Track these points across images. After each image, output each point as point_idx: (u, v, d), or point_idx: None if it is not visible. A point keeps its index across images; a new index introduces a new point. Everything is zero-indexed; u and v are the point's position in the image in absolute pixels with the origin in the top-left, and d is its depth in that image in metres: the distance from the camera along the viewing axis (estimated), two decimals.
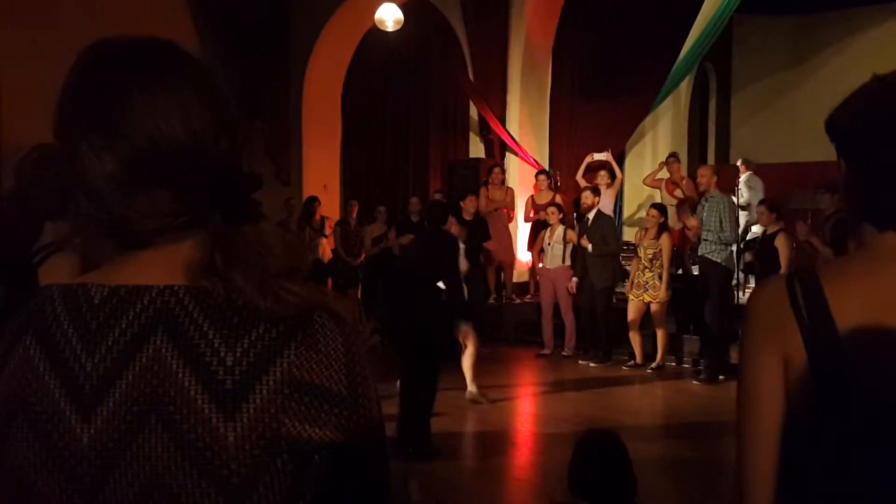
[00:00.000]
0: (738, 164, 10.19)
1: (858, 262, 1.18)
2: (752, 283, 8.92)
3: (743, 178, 9.99)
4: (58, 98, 0.87)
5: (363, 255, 9.75)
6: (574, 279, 8.47)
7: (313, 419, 0.80)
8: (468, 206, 8.49)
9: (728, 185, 7.97)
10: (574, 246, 8.57)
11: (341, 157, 12.13)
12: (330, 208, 10.49)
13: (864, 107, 1.17)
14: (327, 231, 9.66)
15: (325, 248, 9.65)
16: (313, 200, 9.77)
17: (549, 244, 8.69)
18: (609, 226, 8.48)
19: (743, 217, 9.65)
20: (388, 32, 10.23)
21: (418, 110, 12.55)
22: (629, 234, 10.08)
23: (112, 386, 0.81)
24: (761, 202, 7.81)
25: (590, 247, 8.27)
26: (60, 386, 0.82)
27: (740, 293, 8.45)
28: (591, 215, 8.43)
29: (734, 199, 7.64)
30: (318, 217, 9.66)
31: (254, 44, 10.67)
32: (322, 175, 11.56)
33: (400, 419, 5.36)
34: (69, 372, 0.82)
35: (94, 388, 0.81)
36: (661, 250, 7.87)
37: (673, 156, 9.88)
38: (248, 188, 0.89)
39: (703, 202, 7.64)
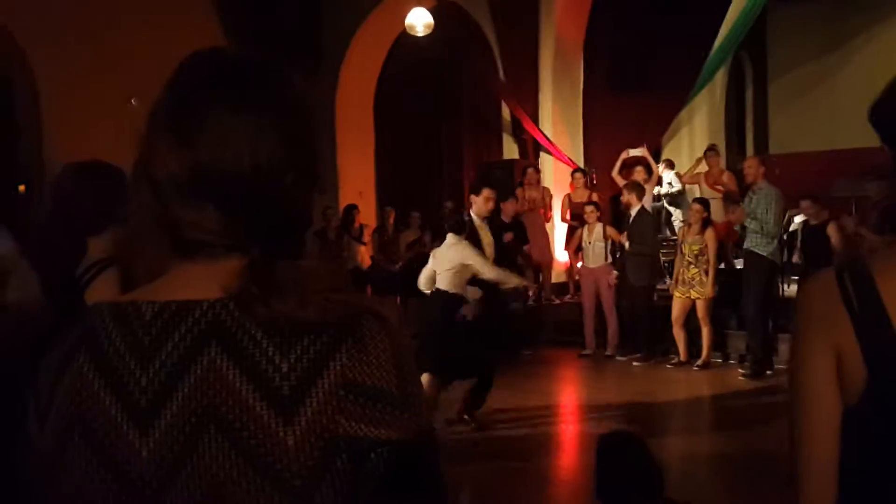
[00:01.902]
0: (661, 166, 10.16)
1: None
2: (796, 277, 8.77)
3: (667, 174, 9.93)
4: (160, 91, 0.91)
5: (401, 262, 9.78)
6: (614, 272, 8.41)
7: (368, 418, 0.82)
8: (507, 209, 8.46)
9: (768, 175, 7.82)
10: (614, 243, 8.51)
11: (375, 164, 12.19)
12: (366, 215, 10.55)
13: None
14: (366, 238, 9.71)
15: (364, 255, 9.70)
16: (352, 208, 9.83)
17: (589, 243, 8.63)
18: (648, 224, 8.38)
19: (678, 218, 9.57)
20: (418, 37, 10.26)
21: (451, 113, 12.57)
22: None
23: (168, 399, 0.83)
24: (804, 196, 7.66)
25: (626, 244, 8.19)
26: (116, 401, 0.84)
27: (785, 286, 8.31)
28: (633, 212, 8.35)
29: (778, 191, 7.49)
30: (356, 225, 9.71)
31: (284, 53, 10.75)
32: (357, 182, 11.62)
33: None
34: (124, 387, 0.84)
35: (150, 402, 0.83)
36: (706, 245, 7.76)
37: (712, 149, 9.74)
38: (298, 227, 0.91)
39: (751, 194, 7.50)
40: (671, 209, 10.19)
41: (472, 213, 6.48)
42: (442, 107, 12.58)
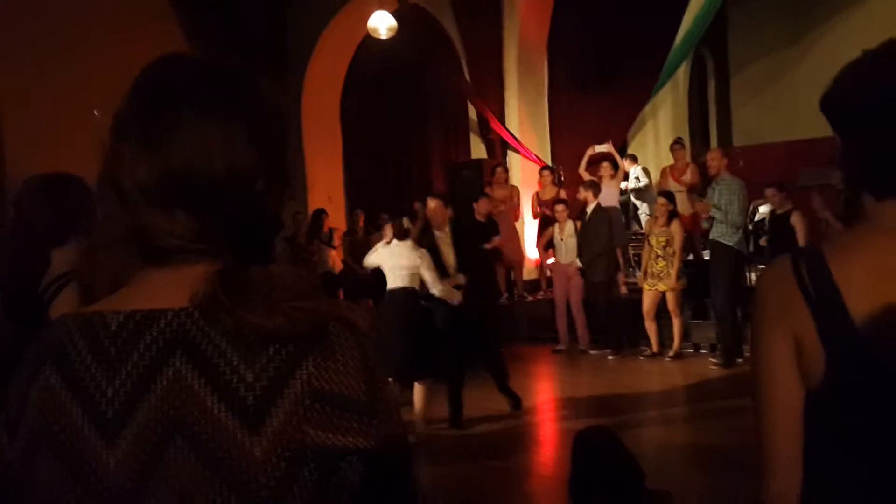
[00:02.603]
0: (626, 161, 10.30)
1: (861, 235, 1.19)
2: (762, 266, 8.89)
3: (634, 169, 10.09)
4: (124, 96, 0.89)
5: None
6: (577, 268, 8.54)
7: (336, 427, 0.81)
8: (480, 209, 8.49)
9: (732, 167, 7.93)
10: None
11: (343, 167, 12.15)
12: (336, 219, 10.51)
13: (854, 81, 1.19)
14: (336, 242, 9.67)
15: (335, 259, 9.66)
16: (321, 213, 9.79)
17: (561, 239, 8.69)
18: (603, 221, 8.43)
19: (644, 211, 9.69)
20: (382, 40, 10.24)
21: (417, 115, 12.57)
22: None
23: (134, 409, 0.82)
24: (769, 184, 7.77)
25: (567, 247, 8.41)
26: (83, 413, 0.83)
27: (752, 275, 8.43)
28: (589, 209, 8.42)
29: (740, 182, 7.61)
30: (326, 229, 9.67)
31: (249, 59, 10.63)
32: (326, 186, 11.59)
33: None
34: (91, 399, 0.83)
35: (117, 413, 0.82)
36: (672, 238, 7.85)
37: (678, 142, 9.85)
38: (269, 233, 0.90)
39: (714, 185, 7.61)
40: (637, 203, 10.28)
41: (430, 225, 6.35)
42: (408, 108, 12.58)
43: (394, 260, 5.84)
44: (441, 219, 6.16)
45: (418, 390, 5.79)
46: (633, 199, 10.34)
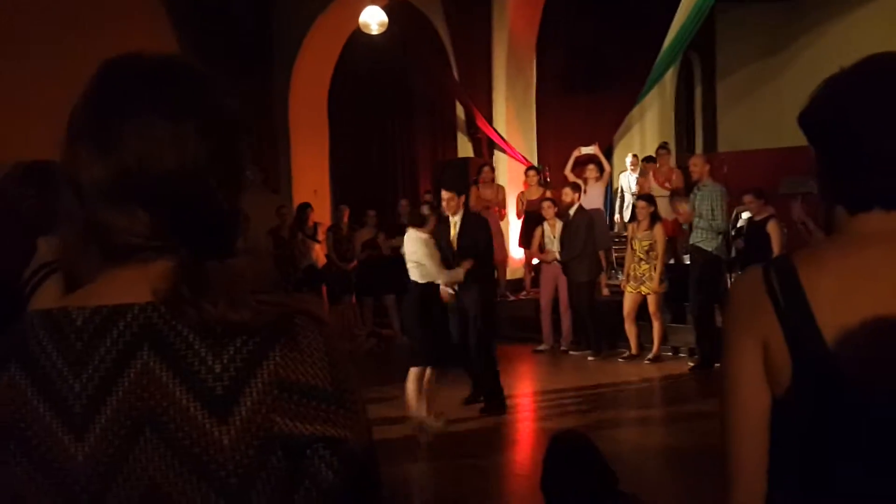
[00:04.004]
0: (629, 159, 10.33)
1: (832, 246, 1.21)
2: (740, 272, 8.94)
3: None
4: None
5: (355, 261, 9.75)
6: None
7: (303, 416, 0.83)
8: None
9: (716, 173, 8.01)
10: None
11: (330, 162, 12.12)
12: (321, 214, 10.48)
13: (827, 98, 1.21)
14: (320, 237, 9.66)
15: (319, 253, 9.64)
16: (306, 207, 9.76)
17: (553, 236, 8.68)
18: (584, 222, 8.45)
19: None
20: (372, 36, 10.23)
21: (405, 112, 12.56)
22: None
23: (102, 403, 0.83)
24: (748, 191, 7.83)
25: (555, 246, 8.42)
26: (50, 409, 0.84)
27: (731, 281, 8.50)
28: (571, 211, 8.47)
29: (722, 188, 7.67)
30: (310, 223, 9.66)
31: (236, 50, 10.64)
32: (311, 180, 11.55)
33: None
34: (57, 394, 0.84)
35: (84, 408, 0.83)
36: (654, 241, 7.90)
37: (663, 147, 9.91)
38: (227, 228, 0.91)
39: (696, 191, 7.67)
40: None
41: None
42: (396, 105, 12.57)
43: (407, 249, 6.01)
44: (455, 207, 6.37)
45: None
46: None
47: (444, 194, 6.45)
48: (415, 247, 5.90)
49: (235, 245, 0.91)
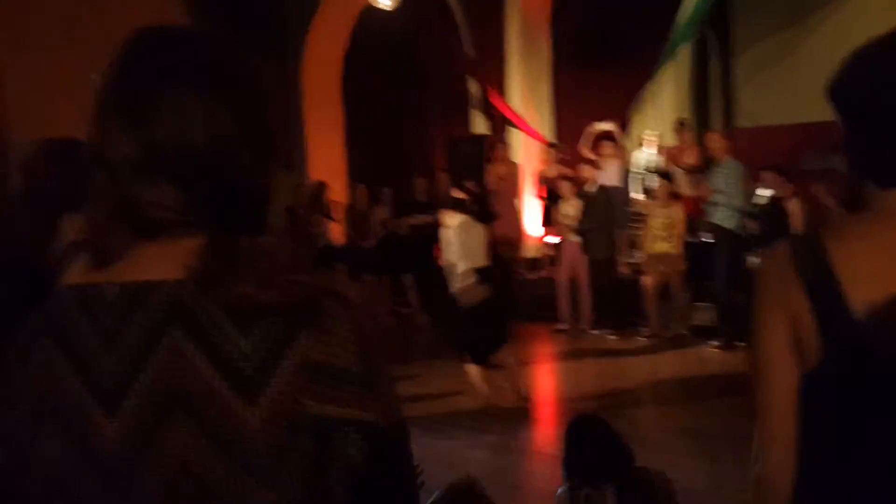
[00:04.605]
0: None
1: (862, 221, 1.21)
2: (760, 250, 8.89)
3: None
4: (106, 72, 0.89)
5: (373, 239, 9.74)
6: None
7: (331, 398, 0.83)
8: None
9: (735, 150, 7.93)
10: None
11: (345, 140, 12.07)
12: (337, 192, 10.46)
13: (860, 68, 1.19)
14: (336, 215, 9.65)
15: (336, 232, 9.65)
16: (322, 185, 9.75)
17: (571, 217, 8.63)
18: (603, 199, 8.42)
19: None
20: (383, 12, 10.14)
21: (419, 89, 12.47)
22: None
23: (133, 380, 0.83)
24: (768, 167, 7.76)
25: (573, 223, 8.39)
26: (82, 384, 0.85)
27: (751, 259, 8.46)
28: (591, 187, 8.42)
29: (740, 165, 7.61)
30: (326, 202, 9.65)
31: (248, 25, 10.54)
32: (327, 158, 11.51)
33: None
34: (89, 370, 0.85)
35: (116, 384, 0.84)
36: (674, 219, 7.85)
37: (683, 123, 9.82)
38: (258, 204, 0.91)
39: (716, 168, 7.61)
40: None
41: None
42: (409, 81, 12.48)
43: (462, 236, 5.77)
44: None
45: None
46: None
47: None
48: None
49: (266, 222, 0.91)
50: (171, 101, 0.85)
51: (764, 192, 7.84)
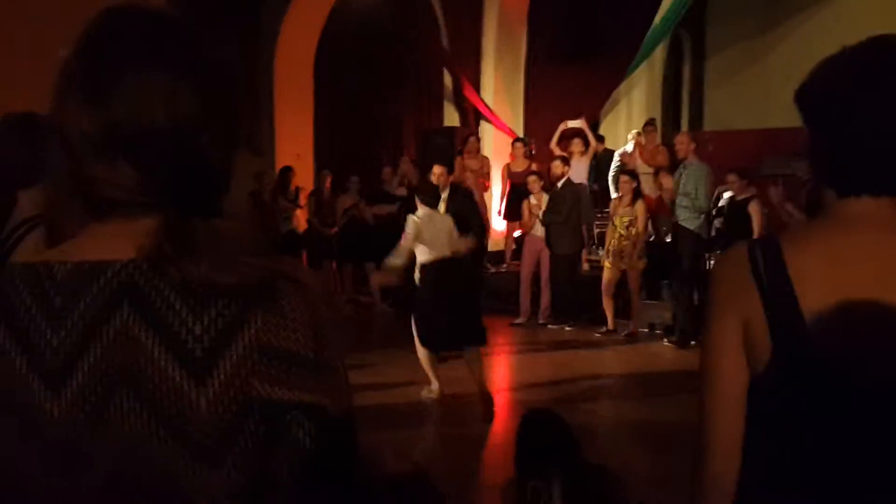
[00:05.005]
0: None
1: (819, 228, 1.21)
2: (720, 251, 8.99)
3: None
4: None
5: (336, 227, 9.69)
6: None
7: (282, 381, 0.83)
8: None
9: (701, 152, 8.00)
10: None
11: (314, 127, 12.00)
12: (304, 178, 10.40)
13: (828, 77, 1.19)
14: (301, 202, 9.59)
15: (300, 219, 9.59)
16: (288, 171, 9.68)
17: (538, 212, 8.67)
18: (568, 194, 8.46)
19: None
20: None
21: (392, 78, 12.43)
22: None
23: (80, 360, 0.82)
24: (732, 170, 7.84)
25: (540, 215, 8.39)
26: (28, 363, 0.84)
27: (712, 260, 8.54)
28: (560, 183, 8.46)
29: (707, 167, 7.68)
30: (292, 188, 9.58)
31: (222, 16, 10.43)
32: (295, 144, 11.44)
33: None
34: (35, 348, 0.84)
35: (62, 363, 0.82)
36: (636, 217, 7.91)
37: (650, 123, 9.88)
38: (217, 187, 0.90)
39: (682, 169, 7.66)
40: None
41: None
42: (383, 71, 12.43)
43: (434, 228, 5.72)
44: (446, 182, 6.31)
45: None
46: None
47: (437, 169, 6.36)
48: (444, 224, 5.76)
49: (222, 206, 0.90)
50: (134, 81, 0.84)
51: (728, 194, 7.92)
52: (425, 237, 5.67)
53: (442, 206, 6.22)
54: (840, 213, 1.19)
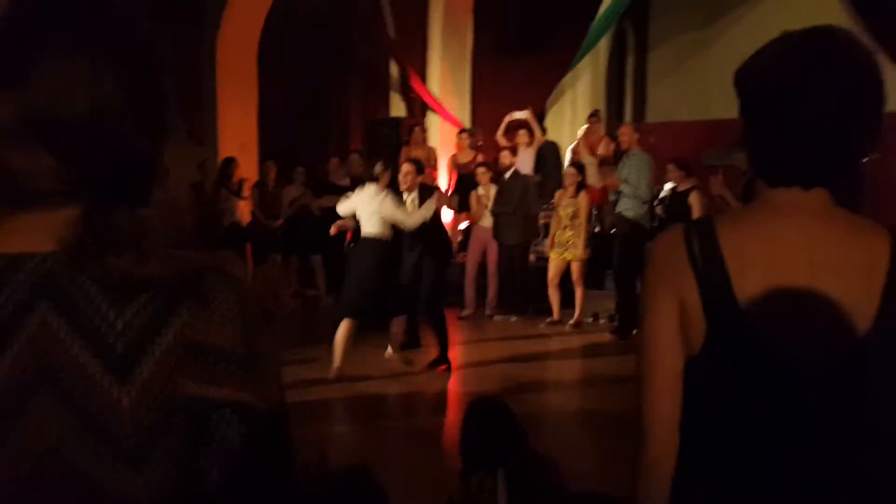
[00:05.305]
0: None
1: (751, 213, 1.23)
2: None
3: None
4: None
5: (281, 219, 9.57)
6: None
7: (209, 378, 0.81)
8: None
9: (644, 143, 8.11)
10: None
11: (258, 116, 11.80)
12: (247, 169, 10.22)
13: (768, 65, 1.20)
14: (245, 193, 9.43)
15: (244, 211, 9.43)
16: (230, 161, 9.50)
17: (486, 203, 8.70)
18: (518, 185, 8.50)
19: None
20: None
21: (338, 67, 12.31)
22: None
23: None
24: (673, 160, 7.96)
25: (489, 206, 8.45)
26: None
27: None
28: (508, 174, 8.50)
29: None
30: (235, 179, 9.41)
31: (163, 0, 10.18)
32: (238, 134, 11.22)
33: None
34: None
35: None
36: (579, 209, 7.99)
37: (594, 115, 9.98)
38: (143, 176, 0.86)
39: (625, 159, 7.76)
40: None
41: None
42: (329, 60, 12.29)
43: (366, 205, 6.15)
44: (412, 182, 6.39)
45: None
46: None
47: (406, 167, 6.46)
48: (376, 202, 6.07)
49: (150, 196, 0.86)
50: (54, 65, 0.80)
51: (668, 185, 8.05)
52: (359, 213, 6.18)
53: (411, 207, 6.26)
54: (770, 200, 1.21)
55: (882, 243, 1.17)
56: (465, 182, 9.30)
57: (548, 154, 10.09)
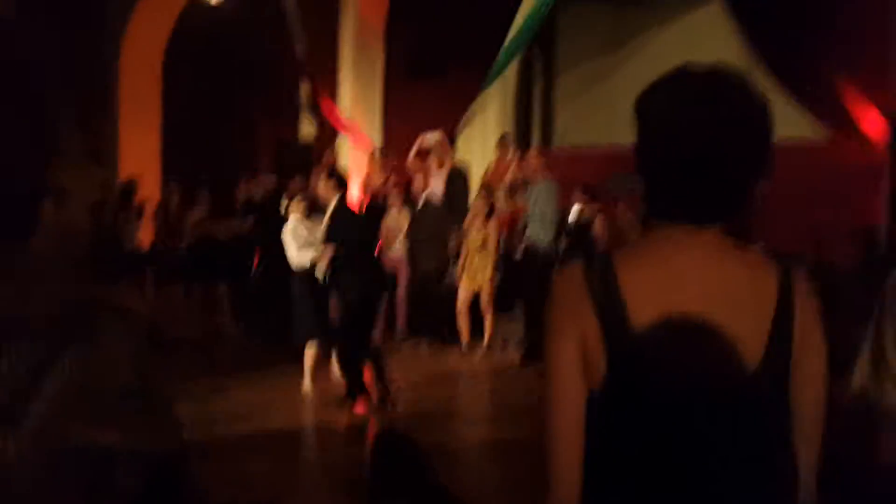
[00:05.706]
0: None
1: (646, 246, 1.26)
2: None
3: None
4: None
5: (185, 243, 9.27)
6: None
7: (103, 422, 0.76)
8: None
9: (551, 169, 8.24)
10: None
11: (162, 135, 11.45)
12: (150, 190, 9.89)
13: (659, 103, 1.22)
14: (146, 217, 9.11)
15: (145, 235, 9.11)
16: (132, 183, 9.17)
17: (400, 227, 8.68)
18: (432, 211, 8.54)
19: None
20: (211, 6, 9.73)
21: (246, 87, 12.07)
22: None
23: None
24: (579, 187, 8.13)
25: (400, 237, 8.49)
26: None
27: None
28: (421, 203, 8.52)
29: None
30: (137, 201, 9.08)
31: (64, 13, 9.76)
32: (140, 155, 10.87)
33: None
34: None
35: None
36: (488, 236, 8.05)
37: (504, 139, 10.09)
38: (23, 206, 0.80)
39: (532, 186, 7.87)
40: None
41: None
42: (237, 79, 12.04)
43: (299, 233, 6.49)
44: (327, 196, 6.36)
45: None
46: None
47: (321, 183, 6.53)
48: (305, 230, 6.36)
49: (38, 226, 0.80)
50: None
51: (575, 209, 8.21)
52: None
53: (325, 220, 6.19)
54: (661, 234, 1.23)
55: (771, 278, 1.20)
56: (378, 206, 9.21)
57: (455, 178, 10.14)
